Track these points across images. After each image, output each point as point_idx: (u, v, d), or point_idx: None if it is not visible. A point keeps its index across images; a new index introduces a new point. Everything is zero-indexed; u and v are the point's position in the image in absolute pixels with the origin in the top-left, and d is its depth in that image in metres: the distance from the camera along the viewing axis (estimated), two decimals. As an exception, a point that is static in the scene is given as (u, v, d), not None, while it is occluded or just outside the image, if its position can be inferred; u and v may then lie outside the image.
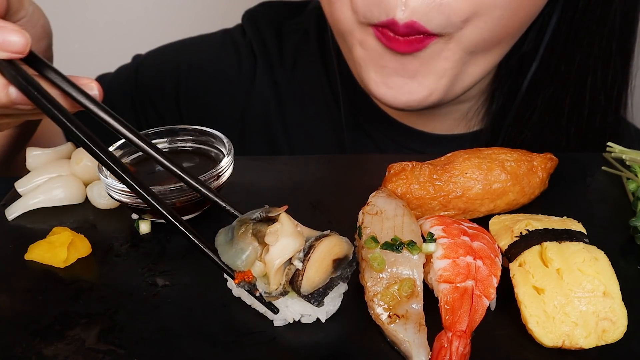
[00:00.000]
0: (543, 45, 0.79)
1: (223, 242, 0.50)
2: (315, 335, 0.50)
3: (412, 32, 0.66)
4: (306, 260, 0.48)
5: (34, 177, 0.67)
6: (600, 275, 0.49)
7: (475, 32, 0.68)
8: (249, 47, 0.94)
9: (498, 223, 0.59)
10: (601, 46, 0.78)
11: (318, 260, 0.48)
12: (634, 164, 0.67)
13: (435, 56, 0.69)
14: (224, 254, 0.49)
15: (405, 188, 0.60)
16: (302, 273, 0.48)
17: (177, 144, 0.68)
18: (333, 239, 0.49)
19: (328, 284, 0.49)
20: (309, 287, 0.48)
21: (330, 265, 0.49)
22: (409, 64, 0.70)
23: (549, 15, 0.77)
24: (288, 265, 0.48)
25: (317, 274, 0.48)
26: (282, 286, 0.48)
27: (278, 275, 0.48)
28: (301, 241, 0.49)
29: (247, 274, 0.49)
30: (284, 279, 0.48)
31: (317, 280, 0.48)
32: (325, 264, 0.49)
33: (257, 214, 0.50)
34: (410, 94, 0.72)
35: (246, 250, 0.49)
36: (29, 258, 0.58)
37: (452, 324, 0.49)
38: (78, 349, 0.49)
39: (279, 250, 0.48)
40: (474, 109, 0.86)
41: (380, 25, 0.67)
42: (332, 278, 0.49)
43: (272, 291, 0.49)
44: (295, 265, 0.48)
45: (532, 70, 0.80)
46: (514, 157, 0.62)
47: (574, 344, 0.48)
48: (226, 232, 0.50)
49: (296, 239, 0.49)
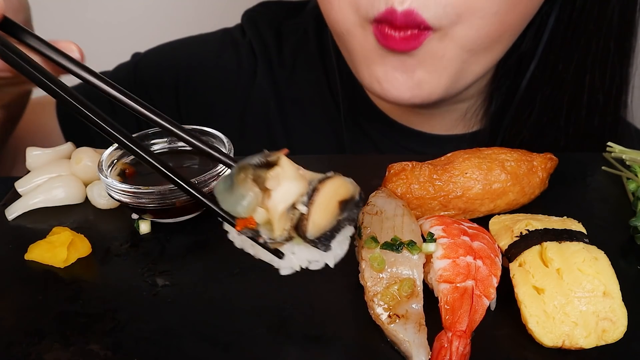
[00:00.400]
0: (541, 44, 0.79)
1: (222, 190, 0.47)
2: (315, 335, 0.50)
3: (409, 22, 0.66)
4: (310, 204, 0.45)
5: (34, 177, 0.67)
6: (600, 275, 0.49)
7: (471, 28, 0.68)
8: (249, 47, 0.94)
9: (498, 223, 0.59)
10: (599, 45, 0.78)
11: (323, 203, 0.46)
12: (634, 164, 0.67)
13: (432, 54, 0.70)
14: (224, 202, 0.47)
15: (405, 188, 0.60)
16: (307, 217, 0.45)
17: (177, 144, 0.68)
18: (337, 180, 0.47)
19: (335, 226, 0.47)
20: (315, 231, 0.46)
21: (336, 207, 0.47)
22: (408, 62, 0.71)
23: (547, 14, 0.77)
24: (292, 210, 0.46)
25: (322, 217, 0.46)
26: (286, 232, 0.46)
27: (282, 220, 0.46)
28: (304, 184, 0.46)
29: (249, 221, 0.47)
30: (288, 224, 0.46)
31: (323, 223, 0.46)
32: (330, 207, 0.46)
33: (256, 159, 0.47)
34: (412, 91, 0.72)
35: (247, 196, 0.46)
36: (29, 258, 0.58)
37: (452, 324, 0.49)
38: (78, 349, 0.49)
39: (282, 194, 0.46)
40: (472, 109, 0.86)
41: (379, 19, 0.67)
42: (339, 220, 0.47)
43: (277, 237, 0.46)
44: (300, 210, 0.46)
45: (531, 70, 0.80)
46: (514, 157, 0.62)
47: (574, 344, 0.48)
48: (225, 180, 0.47)
49: (299, 182, 0.46)
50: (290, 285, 0.55)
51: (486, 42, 0.70)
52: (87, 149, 0.68)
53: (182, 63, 0.96)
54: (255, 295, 0.54)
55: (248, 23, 0.96)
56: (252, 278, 0.56)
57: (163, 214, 0.61)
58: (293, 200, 0.46)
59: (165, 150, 0.68)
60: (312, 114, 0.93)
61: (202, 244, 0.61)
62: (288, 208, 0.46)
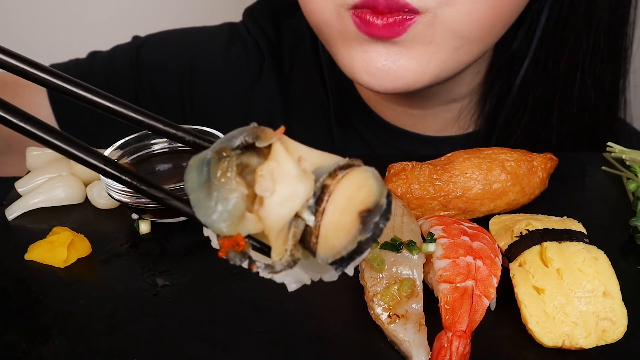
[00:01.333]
0: (534, 43, 0.78)
1: (196, 184, 0.34)
2: (315, 335, 0.50)
3: (391, 6, 0.62)
4: (319, 213, 0.33)
5: (34, 177, 0.67)
6: (600, 275, 0.49)
7: (462, 12, 0.64)
8: (255, 44, 0.94)
9: (498, 223, 0.59)
10: (589, 42, 0.77)
11: (337, 215, 0.33)
12: (634, 164, 0.67)
13: (420, 40, 0.66)
14: (199, 207, 0.34)
15: (405, 188, 0.60)
16: (315, 233, 0.34)
17: (177, 144, 0.68)
18: (355, 177, 0.34)
19: (354, 250, 0.33)
20: (329, 254, 0.34)
21: (355, 220, 0.33)
22: (392, 49, 0.67)
23: (538, 12, 0.77)
24: (293, 220, 0.34)
25: (337, 236, 0.33)
26: (288, 253, 0.34)
27: (281, 238, 0.34)
28: (309, 184, 0.34)
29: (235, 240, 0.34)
30: (290, 241, 0.34)
31: (337, 245, 0.34)
32: (347, 219, 0.33)
33: (240, 140, 0.34)
34: (395, 79, 0.69)
35: (230, 200, 0.33)
36: (29, 258, 0.58)
37: (452, 324, 0.49)
38: (78, 349, 0.49)
39: (279, 202, 0.33)
40: (465, 110, 0.86)
41: (359, 5, 0.64)
42: (360, 241, 0.33)
43: (276, 263, 0.34)
44: (305, 220, 0.34)
45: (524, 69, 0.79)
46: (514, 157, 0.62)
47: (574, 344, 0.48)
48: (199, 167, 0.34)
49: (302, 182, 0.33)
50: (290, 285, 0.55)
51: (478, 29, 0.67)
52: (87, 149, 0.68)
53: (189, 54, 0.94)
54: (255, 295, 0.54)
55: (250, 20, 0.96)
56: (252, 278, 0.56)
57: (163, 214, 0.61)
58: (296, 210, 0.34)
59: (165, 150, 0.68)
60: (310, 114, 0.93)
61: (202, 244, 0.61)
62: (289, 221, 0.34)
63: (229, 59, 0.93)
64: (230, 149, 0.34)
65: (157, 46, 0.95)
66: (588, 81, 0.79)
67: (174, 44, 0.96)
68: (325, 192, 0.34)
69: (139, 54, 0.94)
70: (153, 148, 0.67)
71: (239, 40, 0.94)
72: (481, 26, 0.67)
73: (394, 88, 0.69)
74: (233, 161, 0.34)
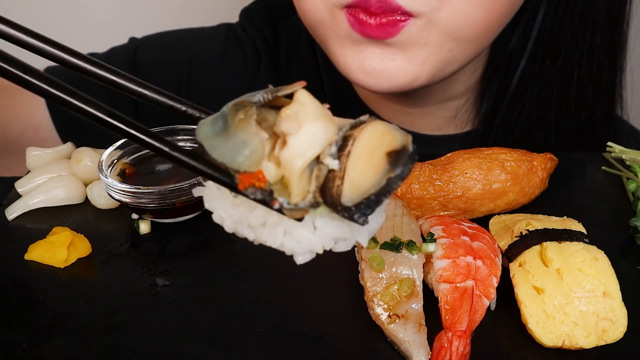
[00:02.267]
0: (530, 41, 0.78)
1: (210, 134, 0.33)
2: (315, 335, 0.50)
3: (384, 7, 0.62)
4: (344, 156, 0.33)
5: (34, 177, 0.67)
6: (600, 275, 0.49)
7: (456, 15, 0.64)
8: (252, 44, 0.94)
9: (498, 223, 0.59)
10: (586, 40, 0.77)
11: (365, 155, 0.33)
12: (634, 164, 0.67)
13: (415, 42, 0.66)
14: (215, 150, 0.33)
15: (405, 188, 0.60)
16: (341, 175, 0.33)
17: (177, 144, 0.68)
18: (379, 125, 0.34)
19: (383, 188, 0.33)
20: (356, 194, 0.33)
21: (383, 160, 0.33)
22: (387, 49, 0.67)
23: (535, 11, 0.76)
24: (316, 165, 0.33)
25: (365, 175, 0.33)
26: (311, 195, 0.33)
27: (303, 180, 0.33)
28: (334, 128, 0.33)
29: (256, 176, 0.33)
30: (313, 184, 0.33)
31: (366, 183, 0.33)
32: (376, 160, 0.33)
33: (259, 97, 0.33)
34: (390, 79, 0.68)
35: (250, 143, 0.33)
36: (29, 258, 0.58)
37: (452, 324, 0.49)
38: (78, 349, 0.49)
39: (303, 141, 0.32)
40: (463, 109, 0.86)
41: (352, 4, 0.64)
42: (389, 178, 0.33)
43: (299, 202, 0.33)
44: (328, 165, 0.33)
45: (521, 68, 0.79)
46: (514, 157, 0.62)
47: (574, 344, 0.48)
48: (214, 122, 0.34)
49: (327, 124, 0.33)
50: (290, 285, 0.55)
51: (473, 31, 0.67)
52: (87, 149, 0.68)
53: (186, 55, 0.94)
54: (255, 295, 0.54)
55: (247, 21, 0.96)
56: (252, 278, 0.56)
57: (163, 214, 0.61)
58: (320, 150, 0.33)
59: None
60: None
61: (202, 244, 0.61)
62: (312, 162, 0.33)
63: (226, 60, 0.94)
64: (250, 102, 0.33)
65: (153, 48, 0.96)
66: (585, 79, 0.79)
67: (170, 45, 0.96)
68: (350, 138, 0.33)
69: (135, 56, 0.94)
70: (153, 148, 0.67)
71: (236, 41, 0.95)
72: (476, 28, 0.67)
73: (389, 87, 0.69)
74: (253, 111, 0.33)
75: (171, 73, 0.94)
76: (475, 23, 0.66)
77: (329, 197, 0.33)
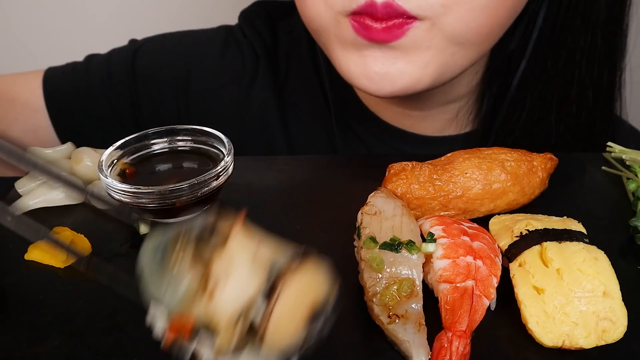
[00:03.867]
0: (531, 43, 0.78)
1: (149, 264, 0.37)
2: (315, 335, 0.50)
3: (390, 13, 0.63)
4: (267, 310, 0.35)
5: (34, 177, 0.67)
6: (600, 275, 0.49)
7: (460, 21, 0.65)
8: (251, 47, 0.94)
9: (498, 223, 0.59)
10: (586, 41, 0.77)
11: (284, 314, 0.35)
12: (634, 164, 0.67)
13: (418, 45, 0.66)
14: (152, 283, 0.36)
15: (405, 188, 0.60)
16: (265, 324, 0.35)
17: (177, 144, 0.68)
18: (307, 272, 0.37)
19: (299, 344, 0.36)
20: (274, 347, 0.35)
21: (302, 316, 0.36)
22: (389, 53, 0.68)
23: (535, 12, 0.77)
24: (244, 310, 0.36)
25: (282, 333, 0.35)
26: (235, 341, 0.35)
27: (230, 327, 0.35)
28: (262, 277, 0.35)
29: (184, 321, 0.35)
30: (238, 331, 0.35)
31: (283, 339, 0.36)
32: (294, 317, 0.36)
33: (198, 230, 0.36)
34: (393, 83, 0.69)
35: (182, 283, 0.35)
36: (29, 258, 0.58)
37: (452, 324, 0.49)
38: (78, 349, 0.49)
39: (231, 293, 0.35)
40: (463, 110, 0.86)
41: (358, 12, 0.65)
42: (305, 339, 0.37)
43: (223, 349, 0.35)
44: (254, 314, 0.35)
45: (521, 69, 0.79)
46: (514, 157, 0.62)
47: (574, 344, 0.48)
48: (155, 248, 0.37)
49: (256, 272, 0.35)
50: (290, 285, 0.55)
51: (476, 36, 0.68)
52: (87, 149, 0.68)
53: (184, 57, 0.95)
54: (255, 295, 0.54)
55: (246, 23, 0.96)
56: (252, 278, 0.56)
57: (163, 214, 0.61)
58: (247, 301, 0.35)
59: (165, 150, 0.68)
60: (307, 116, 0.93)
61: (202, 244, 0.61)
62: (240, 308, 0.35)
63: (224, 63, 0.94)
64: (188, 237, 0.36)
65: (152, 51, 0.96)
66: (586, 80, 0.79)
67: (169, 48, 0.96)
68: (275, 289, 0.35)
69: (134, 60, 0.94)
70: (153, 148, 0.67)
71: (234, 43, 0.95)
72: (479, 33, 0.68)
73: (392, 92, 0.69)
74: (189, 248, 0.36)
75: (169, 77, 0.94)
76: (478, 28, 0.67)
77: (253, 344, 0.35)
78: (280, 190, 0.69)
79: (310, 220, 0.63)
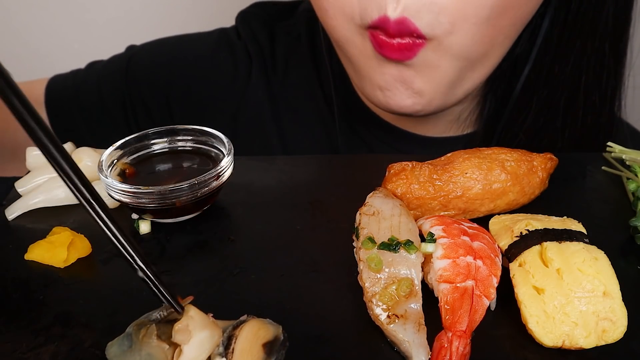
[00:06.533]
0: (536, 47, 0.79)
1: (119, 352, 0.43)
2: (315, 335, 0.50)
3: (402, 30, 0.66)
4: (230, 353, 0.42)
5: (34, 177, 0.67)
6: (600, 275, 0.49)
7: (466, 37, 0.67)
8: (244, 48, 0.94)
9: (498, 223, 0.59)
10: (594, 47, 0.78)
11: (245, 350, 0.43)
12: (634, 164, 0.67)
13: (428, 65, 0.70)
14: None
15: (405, 188, 0.60)
16: None
17: (177, 144, 0.68)
18: (254, 323, 0.45)
19: None
20: None
21: (260, 351, 0.44)
22: (406, 72, 0.71)
23: (541, 17, 0.77)
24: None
25: None
26: None
27: None
28: (219, 332, 0.43)
29: None
30: None
31: None
32: (254, 352, 0.43)
33: (156, 315, 0.43)
34: (413, 101, 0.73)
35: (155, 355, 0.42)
36: (29, 258, 0.58)
37: (452, 324, 0.49)
38: (78, 349, 0.49)
39: (195, 348, 0.41)
40: (467, 112, 0.86)
41: (373, 26, 0.67)
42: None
43: None
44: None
45: (525, 73, 0.80)
46: (514, 157, 0.62)
47: (574, 344, 0.48)
48: (120, 342, 0.43)
49: (213, 330, 0.42)
50: (290, 285, 0.55)
51: (480, 49, 0.70)
52: (87, 149, 0.68)
53: (177, 61, 0.95)
54: (255, 295, 0.54)
55: (242, 24, 0.96)
56: (252, 278, 0.56)
57: (163, 214, 0.61)
58: (209, 353, 0.42)
59: (165, 150, 0.68)
60: (305, 117, 0.93)
61: (202, 244, 0.61)
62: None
63: (216, 65, 0.94)
64: (148, 321, 0.43)
65: (146, 56, 0.97)
66: (592, 85, 0.80)
67: (163, 52, 0.97)
68: (233, 337, 0.43)
69: (129, 65, 0.95)
70: (153, 148, 0.67)
71: (227, 45, 0.95)
72: (483, 46, 0.70)
73: (411, 109, 0.74)
74: (153, 327, 0.42)
75: (162, 82, 0.95)
76: (482, 41, 0.69)
77: None
78: (280, 190, 0.69)
79: (310, 220, 0.63)
